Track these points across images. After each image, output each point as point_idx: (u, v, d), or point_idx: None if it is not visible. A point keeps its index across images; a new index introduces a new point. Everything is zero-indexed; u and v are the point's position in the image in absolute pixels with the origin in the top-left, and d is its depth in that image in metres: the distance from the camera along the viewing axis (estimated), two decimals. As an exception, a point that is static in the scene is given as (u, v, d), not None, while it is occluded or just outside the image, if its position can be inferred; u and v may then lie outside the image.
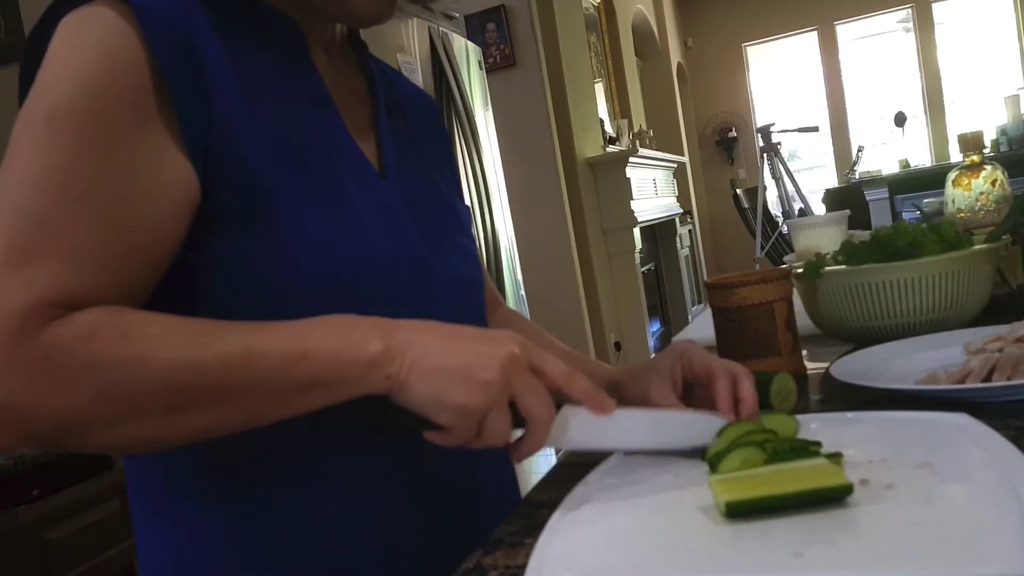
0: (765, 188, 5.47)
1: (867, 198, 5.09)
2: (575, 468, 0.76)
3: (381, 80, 0.87)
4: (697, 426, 0.72)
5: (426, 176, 0.87)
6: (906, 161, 7.02)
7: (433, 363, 0.61)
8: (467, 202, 0.93)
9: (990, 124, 6.02)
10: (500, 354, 0.62)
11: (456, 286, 0.82)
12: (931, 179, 4.76)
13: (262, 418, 0.62)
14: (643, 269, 5.12)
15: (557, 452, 0.71)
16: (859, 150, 7.40)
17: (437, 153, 0.93)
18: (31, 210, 0.59)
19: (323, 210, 0.70)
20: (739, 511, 0.57)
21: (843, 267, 1.10)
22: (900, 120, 7.49)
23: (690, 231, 6.64)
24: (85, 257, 0.59)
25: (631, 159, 4.89)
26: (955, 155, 6.80)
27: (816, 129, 6.50)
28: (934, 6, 7.98)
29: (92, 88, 0.61)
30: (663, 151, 6.13)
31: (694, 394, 0.80)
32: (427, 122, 0.94)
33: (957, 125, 7.65)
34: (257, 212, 0.67)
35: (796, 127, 6.13)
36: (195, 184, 0.65)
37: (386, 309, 0.68)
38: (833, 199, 5.93)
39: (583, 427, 0.67)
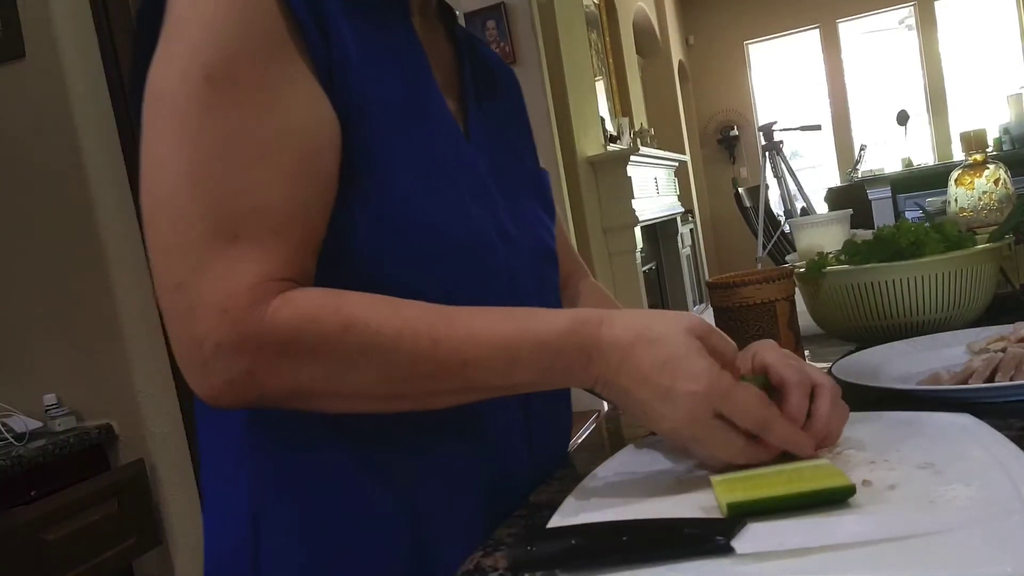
0: (767, 187, 5.46)
1: (869, 197, 5.08)
2: (576, 469, 0.75)
3: (466, 48, 0.87)
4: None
5: (509, 143, 0.87)
6: (909, 160, 7.01)
7: (641, 379, 0.62)
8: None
9: (993, 123, 6.00)
10: (701, 368, 0.62)
11: (535, 257, 0.82)
12: (934, 178, 4.75)
13: (459, 402, 0.65)
14: (644, 268, 5.11)
15: None
16: (861, 149, 7.38)
17: (519, 122, 0.94)
18: (224, 179, 0.58)
19: (423, 173, 0.69)
20: (740, 512, 0.57)
21: (845, 266, 1.10)
22: (903, 119, 7.48)
23: (691, 230, 6.63)
24: (284, 221, 0.60)
25: (632, 158, 4.89)
26: (958, 154, 6.79)
27: (818, 128, 6.49)
28: (936, 4, 7.97)
29: (242, 38, 0.60)
30: (664, 149, 6.13)
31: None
32: (508, 91, 0.94)
33: (960, 124, 7.64)
34: (362, 168, 0.66)
35: (798, 125, 6.13)
36: (338, 123, 0.64)
37: (476, 278, 0.70)
38: (835, 198, 5.92)
39: None
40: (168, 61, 0.60)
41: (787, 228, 5.33)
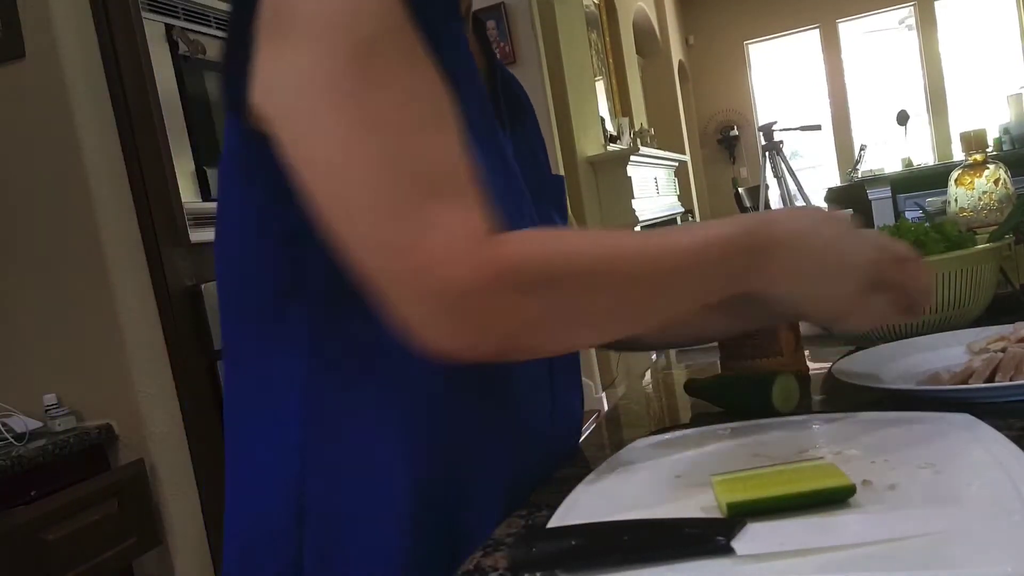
0: (767, 187, 5.46)
1: (870, 197, 5.08)
2: (576, 469, 0.75)
3: (491, 51, 0.89)
4: None
5: (531, 149, 0.89)
6: (909, 160, 7.00)
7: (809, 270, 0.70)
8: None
9: (993, 123, 6.00)
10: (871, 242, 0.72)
11: None
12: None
13: (671, 310, 0.69)
14: (645, 268, 5.09)
15: None
16: (861, 149, 7.38)
17: (536, 128, 0.96)
18: (407, 143, 0.60)
19: (490, 170, 0.71)
20: (740, 512, 0.57)
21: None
22: (903, 119, 7.47)
23: (692, 230, 6.62)
24: (468, 176, 0.62)
25: (632, 158, 4.89)
26: (958, 154, 6.79)
27: (818, 128, 6.49)
28: (936, 4, 7.97)
29: (380, 20, 0.60)
30: (664, 149, 6.13)
31: None
32: (525, 100, 0.96)
33: (960, 124, 7.64)
34: None
35: (798, 125, 6.12)
36: None
37: None
38: (836, 198, 5.91)
39: None
40: (306, 51, 0.60)
41: (787, 228, 5.32)
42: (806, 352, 1.04)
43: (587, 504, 0.65)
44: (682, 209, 6.31)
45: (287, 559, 0.71)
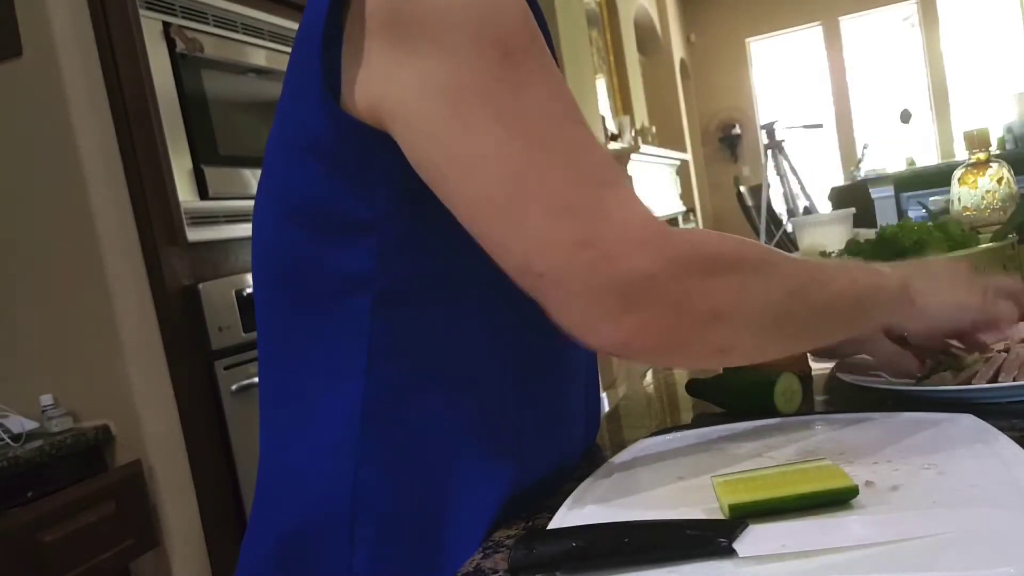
0: (769, 185, 5.46)
1: (872, 196, 5.07)
2: (578, 469, 0.75)
3: None
4: None
5: None
6: (912, 159, 7.00)
7: (934, 288, 0.78)
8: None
9: (996, 122, 5.99)
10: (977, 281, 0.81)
11: None
12: (937, 177, 4.73)
13: (820, 340, 0.79)
14: (646, 267, 5.10)
15: None
16: (864, 147, 7.38)
17: None
18: (562, 139, 0.60)
19: None
20: (742, 513, 0.56)
21: (847, 265, 1.09)
22: (906, 117, 7.47)
23: (693, 229, 6.63)
24: (617, 167, 0.63)
25: (633, 156, 4.89)
26: (961, 153, 6.78)
27: (820, 126, 6.49)
28: (939, 1, 7.96)
29: (513, 15, 0.61)
30: (665, 148, 6.13)
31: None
32: None
33: (963, 122, 7.64)
34: None
35: (800, 124, 6.12)
36: None
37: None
38: (838, 197, 5.90)
39: None
40: (440, 51, 0.60)
41: (789, 227, 5.33)
42: (808, 352, 1.04)
43: (588, 505, 0.65)
44: (684, 208, 6.31)
45: (340, 556, 0.69)
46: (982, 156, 1.45)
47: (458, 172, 0.60)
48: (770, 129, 5.65)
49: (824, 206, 5.91)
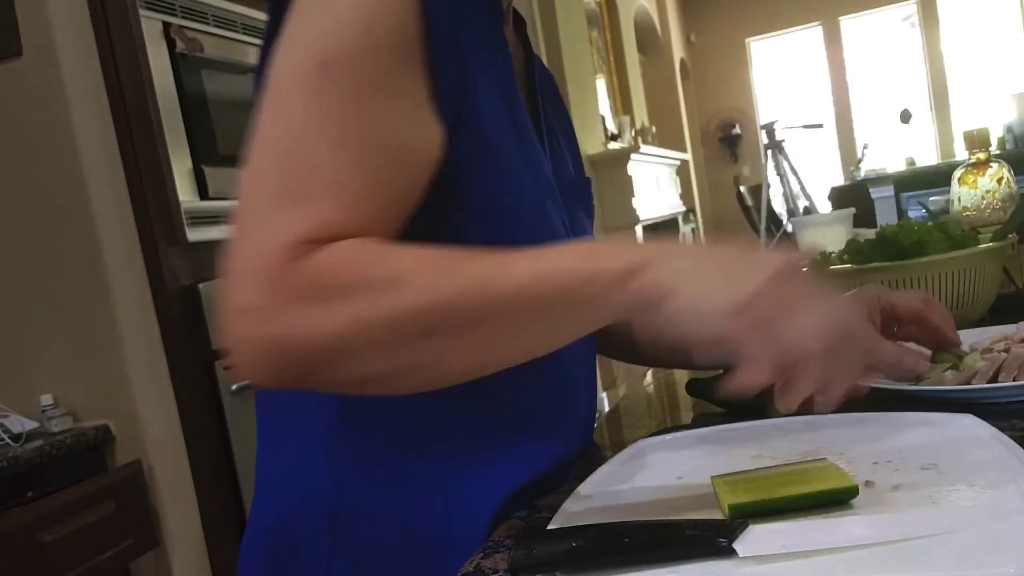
0: (769, 185, 5.45)
1: (872, 196, 5.07)
2: (577, 468, 0.75)
3: (532, 53, 0.88)
4: None
5: (561, 151, 0.88)
6: (912, 159, 6.99)
7: (690, 269, 0.56)
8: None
9: (996, 122, 5.99)
10: (770, 264, 0.56)
11: None
12: (937, 177, 4.73)
13: (509, 352, 0.61)
14: (646, 267, 5.09)
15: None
16: (864, 147, 7.37)
17: (567, 127, 0.95)
18: (305, 156, 0.58)
19: (520, 195, 0.71)
20: (742, 513, 0.56)
21: (848, 266, 1.09)
22: (906, 117, 7.47)
23: (693, 229, 6.63)
24: (352, 202, 0.59)
25: (633, 156, 4.88)
26: (961, 153, 6.78)
27: (820, 126, 6.49)
28: (939, 1, 7.96)
29: (366, 36, 0.60)
30: (666, 148, 6.13)
31: (892, 333, 0.82)
32: (556, 96, 0.95)
33: (963, 122, 7.63)
34: (471, 187, 0.67)
35: (800, 124, 6.12)
36: (440, 142, 0.64)
37: None
38: (838, 197, 5.91)
39: None
40: (291, 44, 0.61)
41: (789, 227, 5.32)
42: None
43: (588, 506, 0.64)
44: (684, 208, 6.31)
45: (320, 560, 0.70)
46: (982, 156, 1.45)
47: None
48: (770, 129, 5.65)
49: (824, 206, 5.91)
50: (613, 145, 5.23)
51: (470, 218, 0.68)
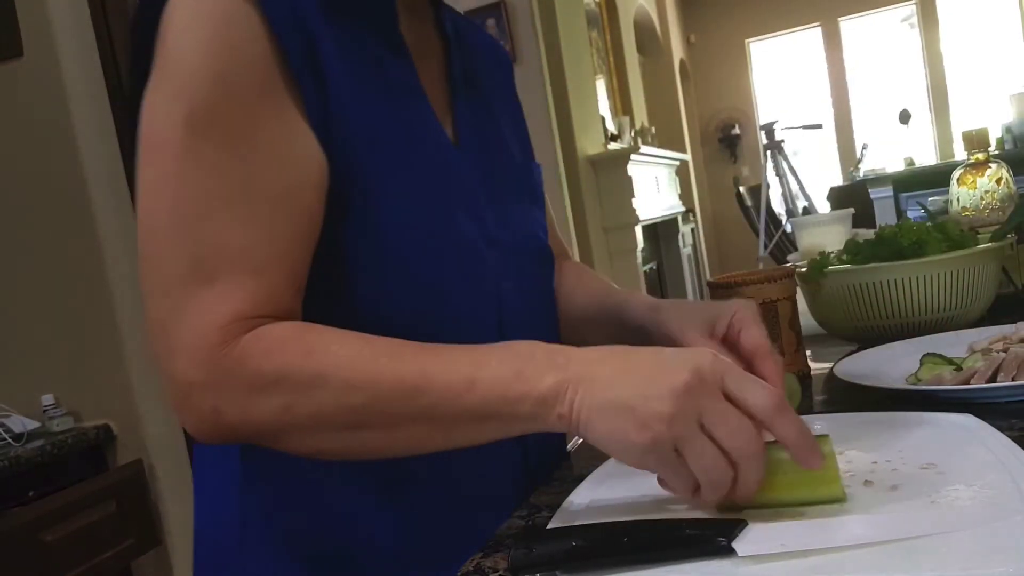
0: (768, 186, 5.45)
1: (871, 196, 5.07)
2: (576, 469, 0.75)
3: (455, 38, 0.84)
4: None
5: (499, 141, 0.86)
6: (911, 159, 6.99)
7: (604, 399, 0.55)
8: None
9: (995, 122, 5.99)
10: (676, 382, 0.54)
11: (526, 259, 0.81)
12: (936, 177, 4.73)
13: (433, 445, 0.62)
14: (645, 268, 5.10)
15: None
16: (863, 147, 7.37)
17: (509, 111, 0.92)
18: (202, 228, 0.60)
19: (412, 196, 0.70)
20: (730, 511, 0.57)
21: (847, 266, 1.09)
22: (904, 117, 7.46)
23: (692, 230, 6.62)
24: (261, 261, 0.61)
25: (633, 157, 4.88)
26: (960, 153, 6.78)
27: (820, 127, 6.48)
28: (938, 2, 7.96)
29: (227, 86, 0.61)
30: (665, 148, 6.12)
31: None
32: (499, 78, 0.92)
33: (962, 122, 7.63)
34: (353, 198, 0.67)
35: (800, 124, 6.12)
36: (324, 161, 0.65)
37: (462, 287, 0.70)
38: (837, 197, 5.91)
39: None
40: (156, 97, 0.62)
41: (789, 227, 5.33)
42: (807, 352, 1.04)
43: (587, 505, 0.65)
44: (683, 208, 6.30)
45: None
46: (981, 156, 1.45)
47: (138, 218, 0.62)
48: (769, 129, 5.65)
49: (823, 206, 5.91)
50: (613, 145, 5.23)
51: (355, 232, 0.67)
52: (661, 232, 5.87)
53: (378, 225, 0.67)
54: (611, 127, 5.61)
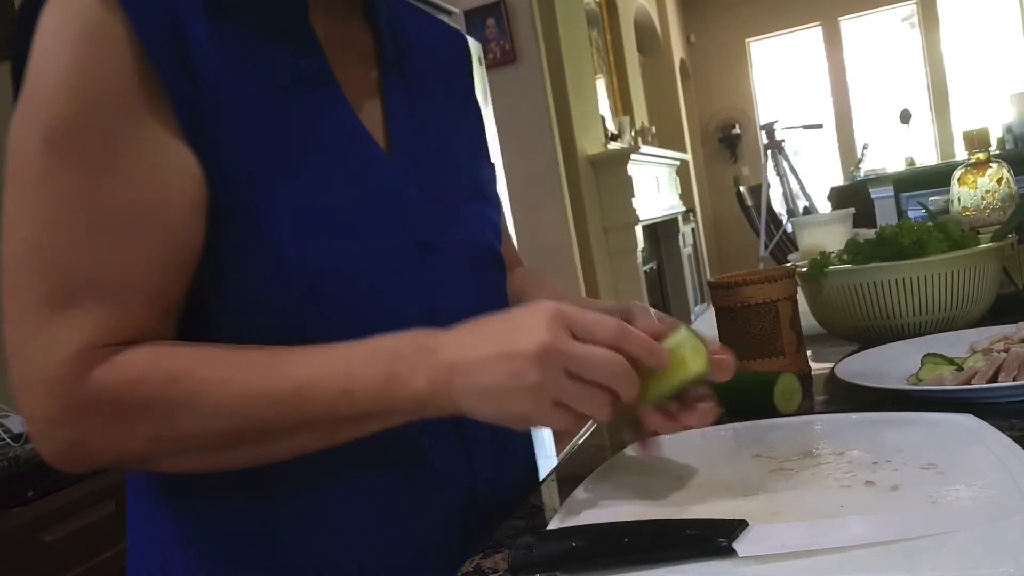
0: (769, 186, 5.46)
1: (872, 196, 5.07)
2: (576, 469, 0.75)
3: (389, 32, 0.79)
4: None
5: (441, 139, 0.80)
6: (911, 159, 6.99)
7: (478, 385, 0.57)
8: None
9: (996, 122, 5.99)
10: (535, 349, 0.56)
11: (470, 261, 0.77)
12: (937, 177, 4.73)
13: (315, 448, 0.62)
14: (645, 268, 5.11)
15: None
16: (864, 147, 7.37)
17: (457, 106, 0.86)
18: (60, 253, 0.58)
19: (306, 200, 0.65)
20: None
21: (848, 266, 1.09)
22: (905, 117, 7.46)
23: (693, 229, 6.63)
24: (120, 286, 0.59)
25: (633, 156, 4.88)
26: (960, 153, 6.78)
27: (820, 126, 6.48)
28: (939, 2, 7.96)
29: (85, 101, 0.59)
30: (665, 148, 6.12)
31: None
32: (448, 70, 0.87)
33: (962, 122, 7.63)
34: (237, 206, 0.63)
35: (800, 124, 6.12)
36: (201, 174, 0.62)
37: (380, 294, 0.67)
38: (838, 197, 5.91)
39: None
40: (19, 117, 0.60)
41: (789, 227, 5.33)
42: (808, 352, 1.04)
43: (588, 505, 0.65)
44: (683, 208, 6.31)
45: None
46: (981, 156, 1.45)
47: None
48: (770, 129, 5.65)
49: (824, 206, 5.91)
50: (613, 145, 5.23)
51: (238, 238, 0.63)
52: (661, 232, 5.88)
53: (263, 230, 0.63)
54: (611, 127, 5.61)
